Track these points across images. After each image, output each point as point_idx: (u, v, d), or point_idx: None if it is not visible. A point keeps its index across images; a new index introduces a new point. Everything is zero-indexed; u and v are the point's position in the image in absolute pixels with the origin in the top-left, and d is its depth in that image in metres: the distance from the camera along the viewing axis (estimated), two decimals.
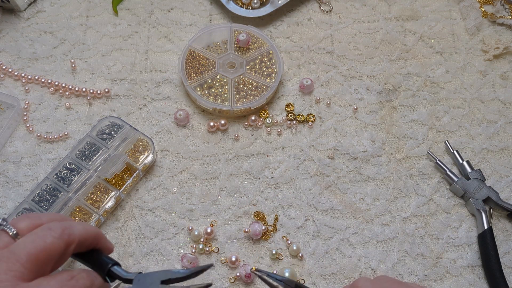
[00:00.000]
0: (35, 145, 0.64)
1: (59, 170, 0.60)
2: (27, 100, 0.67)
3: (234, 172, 0.64)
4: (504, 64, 0.72)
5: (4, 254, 0.38)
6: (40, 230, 0.41)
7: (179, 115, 0.66)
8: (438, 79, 0.71)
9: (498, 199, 0.62)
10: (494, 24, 0.75)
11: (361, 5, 0.76)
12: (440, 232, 0.61)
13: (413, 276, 0.59)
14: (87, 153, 0.61)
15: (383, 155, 0.66)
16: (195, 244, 0.59)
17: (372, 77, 0.71)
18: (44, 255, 0.39)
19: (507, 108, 0.69)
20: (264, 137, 0.66)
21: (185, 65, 0.68)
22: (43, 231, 0.40)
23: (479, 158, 0.66)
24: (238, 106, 0.65)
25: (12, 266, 0.37)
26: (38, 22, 0.72)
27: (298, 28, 0.74)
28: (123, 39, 0.72)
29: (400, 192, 0.63)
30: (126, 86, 0.69)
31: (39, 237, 0.40)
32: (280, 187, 0.63)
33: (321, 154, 0.65)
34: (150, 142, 0.63)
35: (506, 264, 0.60)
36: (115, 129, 0.62)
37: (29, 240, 0.39)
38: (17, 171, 0.63)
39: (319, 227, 0.61)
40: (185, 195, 0.62)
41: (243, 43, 0.69)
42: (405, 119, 0.68)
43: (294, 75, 0.70)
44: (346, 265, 0.59)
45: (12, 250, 0.38)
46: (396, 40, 0.73)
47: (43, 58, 0.70)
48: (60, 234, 0.40)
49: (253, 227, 0.60)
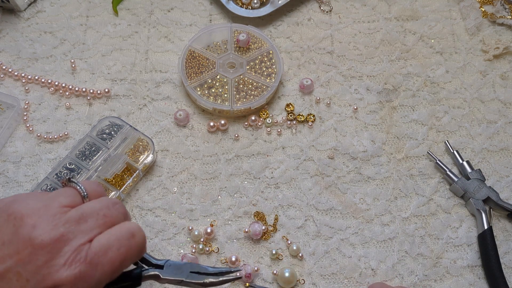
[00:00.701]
0: (35, 145, 0.64)
1: (59, 170, 0.60)
2: (27, 100, 0.67)
3: (234, 172, 0.64)
4: (504, 64, 0.72)
5: (75, 216, 0.40)
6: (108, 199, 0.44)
7: (179, 115, 0.66)
8: (438, 79, 0.71)
9: (498, 199, 0.62)
10: (494, 24, 0.75)
11: (361, 5, 0.76)
12: (440, 232, 0.61)
13: (413, 276, 0.59)
14: (87, 153, 0.61)
15: (383, 155, 0.66)
16: (195, 244, 0.60)
17: (372, 77, 0.71)
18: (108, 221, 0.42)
19: (507, 108, 0.69)
20: (264, 137, 0.66)
21: (185, 65, 0.68)
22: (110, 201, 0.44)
23: (479, 158, 0.66)
24: (238, 106, 0.65)
25: (80, 228, 0.40)
26: (38, 22, 0.72)
27: (298, 28, 0.74)
28: (123, 39, 0.72)
29: (400, 192, 0.64)
30: (126, 86, 0.69)
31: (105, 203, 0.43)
32: (280, 187, 0.63)
33: (321, 154, 0.65)
34: (150, 142, 0.63)
35: (506, 264, 0.60)
36: (115, 129, 0.62)
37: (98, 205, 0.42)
38: (17, 171, 0.63)
39: (319, 227, 0.61)
40: (185, 195, 0.62)
41: (243, 43, 0.69)
42: (405, 119, 0.68)
43: (294, 75, 0.70)
44: (346, 265, 0.59)
45: (81, 212, 0.41)
46: (396, 40, 0.73)
47: (43, 58, 0.70)
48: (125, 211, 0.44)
49: (253, 227, 0.60)
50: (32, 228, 0.38)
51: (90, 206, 0.42)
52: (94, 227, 0.40)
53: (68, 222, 0.39)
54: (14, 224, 0.38)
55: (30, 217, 0.39)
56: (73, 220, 0.40)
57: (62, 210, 0.40)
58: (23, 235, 0.38)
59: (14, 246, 0.38)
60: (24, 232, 0.38)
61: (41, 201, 0.40)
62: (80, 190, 0.43)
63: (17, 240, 0.38)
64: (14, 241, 0.38)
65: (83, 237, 0.39)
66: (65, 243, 0.38)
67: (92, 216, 0.41)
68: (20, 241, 0.38)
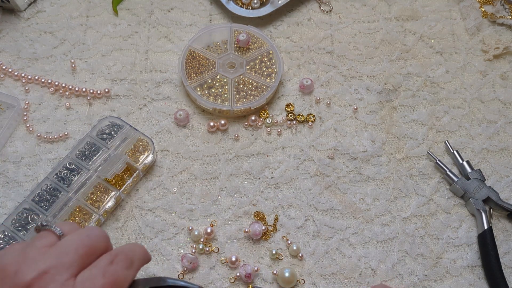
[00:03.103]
0: (35, 145, 0.64)
1: (59, 170, 0.60)
2: (27, 100, 0.67)
3: (234, 172, 0.64)
4: (504, 64, 0.72)
5: (54, 251, 0.40)
6: (85, 229, 0.43)
7: (179, 115, 0.66)
8: (438, 79, 0.71)
9: (498, 199, 0.62)
10: (494, 24, 0.75)
11: (361, 5, 0.76)
12: (440, 232, 0.61)
13: (413, 276, 0.59)
14: (87, 153, 0.61)
15: (383, 155, 0.66)
16: (195, 244, 0.60)
17: (372, 77, 0.71)
18: (89, 250, 0.41)
19: (507, 108, 0.69)
20: (264, 137, 0.66)
21: (185, 65, 0.68)
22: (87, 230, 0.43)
23: (479, 158, 0.66)
24: (238, 106, 0.65)
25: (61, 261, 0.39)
26: (38, 22, 0.72)
27: (298, 28, 0.74)
28: (123, 39, 0.72)
29: (400, 192, 0.64)
30: (126, 86, 0.69)
31: (83, 233, 0.42)
32: (280, 187, 0.63)
33: (321, 154, 0.65)
34: (150, 142, 0.63)
35: (506, 264, 0.60)
36: (115, 129, 0.62)
37: (76, 237, 0.41)
38: (17, 171, 0.63)
39: (319, 227, 0.61)
40: (185, 195, 0.62)
41: (243, 43, 0.69)
42: (405, 119, 0.68)
43: (294, 75, 0.70)
44: (346, 265, 0.59)
45: (60, 246, 0.41)
46: (396, 40, 0.73)
47: (43, 58, 0.70)
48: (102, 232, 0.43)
49: (253, 227, 0.60)
50: (14, 274, 0.38)
51: (68, 239, 0.41)
52: (75, 259, 0.40)
53: (49, 258, 0.39)
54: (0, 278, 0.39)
55: (11, 265, 0.39)
56: (53, 255, 0.39)
57: (41, 251, 0.40)
58: (9, 283, 0.38)
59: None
60: (8, 281, 0.38)
61: (19, 250, 0.41)
62: (55, 230, 0.43)
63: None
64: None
65: (66, 271, 0.39)
66: (50, 279, 0.38)
67: (71, 248, 0.40)
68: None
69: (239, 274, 0.58)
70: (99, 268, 0.40)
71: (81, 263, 0.40)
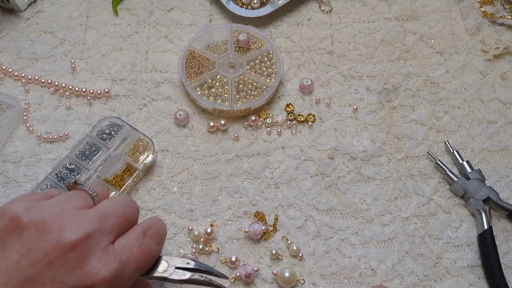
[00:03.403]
0: (35, 145, 0.64)
1: (59, 170, 0.60)
2: (27, 100, 0.67)
3: (234, 172, 0.64)
4: (504, 64, 0.72)
5: (95, 215, 0.41)
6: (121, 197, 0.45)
7: (179, 115, 0.66)
8: (438, 79, 0.71)
9: (498, 199, 0.62)
10: (494, 24, 0.75)
11: (361, 5, 0.76)
12: (440, 232, 0.61)
13: (413, 276, 0.59)
14: (87, 153, 0.61)
15: (383, 155, 0.66)
16: (195, 244, 0.60)
17: (372, 77, 0.71)
18: (126, 219, 0.43)
19: (507, 108, 0.69)
20: (264, 137, 0.66)
21: (185, 65, 0.68)
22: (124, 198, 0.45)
23: (479, 158, 0.66)
24: (238, 106, 0.65)
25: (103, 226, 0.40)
26: (38, 22, 0.72)
27: (298, 28, 0.74)
28: (123, 39, 0.72)
29: (400, 192, 0.64)
30: (126, 86, 0.69)
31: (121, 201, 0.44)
32: (280, 187, 0.63)
33: (321, 154, 0.65)
34: (150, 142, 0.63)
35: (506, 264, 0.60)
36: (115, 129, 0.62)
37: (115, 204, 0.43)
38: (17, 171, 0.63)
39: (319, 227, 0.61)
40: (185, 195, 0.62)
41: (243, 43, 0.69)
42: (405, 119, 0.68)
43: (294, 75, 0.70)
44: (346, 265, 0.59)
45: (100, 211, 0.42)
46: (396, 40, 0.73)
47: (43, 58, 0.70)
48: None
49: (253, 227, 0.60)
50: (59, 232, 0.39)
51: (108, 205, 0.43)
52: (115, 225, 0.41)
53: (91, 221, 0.40)
54: (37, 231, 0.38)
55: (54, 222, 0.39)
56: (95, 219, 0.40)
57: (80, 212, 0.41)
58: (51, 240, 0.38)
59: (42, 252, 0.38)
60: (52, 237, 0.38)
61: (56, 206, 0.41)
62: (89, 191, 0.44)
63: (44, 246, 0.38)
64: (41, 247, 0.38)
65: (107, 237, 0.40)
66: (93, 242, 0.39)
67: (112, 215, 0.42)
68: (49, 246, 0.38)
69: (239, 274, 0.58)
70: (135, 238, 0.42)
71: (118, 230, 0.42)
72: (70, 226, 0.39)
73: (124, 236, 0.42)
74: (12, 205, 0.40)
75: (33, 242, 0.38)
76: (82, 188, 0.44)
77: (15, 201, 0.41)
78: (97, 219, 0.40)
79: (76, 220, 0.40)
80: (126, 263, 0.40)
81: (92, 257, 0.39)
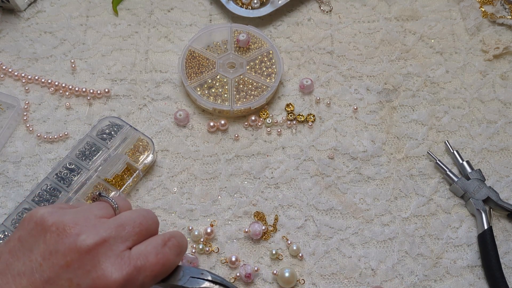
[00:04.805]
0: (35, 145, 0.64)
1: (59, 170, 0.60)
2: (27, 100, 0.67)
3: (234, 172, 0.64)
4: (504, 64, 0.72)
5: (113, 223, 0.43)
6: (141, 209, 0.47)
7: (179, 115, 0.66)
8: (438, 79, 0.71)
9: (498, 199, 0.62)
10: (494, 24, 0.75)
11: (361, 5, 0.76)
12: (440, 232, 0.61)
13: (413, 276, 0.59)
14: (87, 153, 0.61)
15: (383, 155, 0.66)
16: (195, 244, 0.60)
17: (372, 77, 0.71)
18: (144, 229, 0.44)
19: (507, 108, 0.69)
20: (264, 137, 0.66)
21: (185, 65, 0.68)
22: (143, 211, 0.47)
23: (479, 158, 0.66)
24: (238, 106, 0.65)
25: (120, 233, 0.42)
26: (38, 22, 0.72)
27: (298, 28, 0.74)
28: (123, 39, 0.72)
29: (400, 192, 0.64)
30: (126, 86, 0.69)
31: (140, 213, 0.45)
32: (280, 187, 0.63)
33: (321, 154, 0.65)
34: (150, 142, 0.63)
35: (506, 264, 0.60)
36: (115, 129, 0.62)
37: (134, 215, 0.45)
38: (17, 171, 0.63)
39: (319, 227, 0.61)
40: (185, 195, 0.62)
41: (243, 43, 0.69)
42: (405, 119, 0.68)
43: (294, 75, 0.70)
44: (346, 265, 0.59)
45: (119, 220, 0.44)
46: (396, 40, 0.73)
47: (43, 58, 0.70)
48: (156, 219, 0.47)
49: (253, 227, 0.60)
50: (77, 236, 0.40)
51: (127, 215, 0.45)
52: (131, 234, 0.43)
53: (108, 228, 0.42)
54: (58, 234, 0.41)
55: (73, 227, 0.41)
56: (113, 227, 0.42)
57: (99, 220, 0.43)
58: (69, 243, 0.40)
59: (61, 255, 0.40)
60: (70, 241, 0.40)
61: (78, 213, 0.43)
62: (111, 202, 0.46)
63: (63, 249, 0.40)
64: (60, 250, 0.40)
65: (123, 243, 0.42)
66: (108, 248, 0.41)
67: (129, 224, 0.43)
68: (67, 249, 0.40)
69: (239, 274, 0.58)
70: (153, 247, 0.43)
71: (135, 239, 0.43)
72: (87, 231, 0.41)
73: (142, 243, 0.44)
74: (39, 209, 0.43)
75: (54, 245, 0.40)
76: (105, 200, 0.46)
77: (42, 207, 0.44)
78: (114, 227, 0.42)
79: (94, 227, 0.42)
80: (140, 269, 0.42)
81: (106, 261, 0.40)
